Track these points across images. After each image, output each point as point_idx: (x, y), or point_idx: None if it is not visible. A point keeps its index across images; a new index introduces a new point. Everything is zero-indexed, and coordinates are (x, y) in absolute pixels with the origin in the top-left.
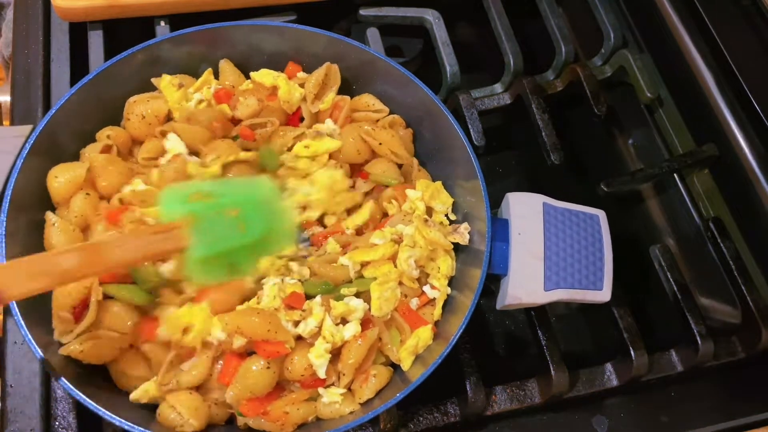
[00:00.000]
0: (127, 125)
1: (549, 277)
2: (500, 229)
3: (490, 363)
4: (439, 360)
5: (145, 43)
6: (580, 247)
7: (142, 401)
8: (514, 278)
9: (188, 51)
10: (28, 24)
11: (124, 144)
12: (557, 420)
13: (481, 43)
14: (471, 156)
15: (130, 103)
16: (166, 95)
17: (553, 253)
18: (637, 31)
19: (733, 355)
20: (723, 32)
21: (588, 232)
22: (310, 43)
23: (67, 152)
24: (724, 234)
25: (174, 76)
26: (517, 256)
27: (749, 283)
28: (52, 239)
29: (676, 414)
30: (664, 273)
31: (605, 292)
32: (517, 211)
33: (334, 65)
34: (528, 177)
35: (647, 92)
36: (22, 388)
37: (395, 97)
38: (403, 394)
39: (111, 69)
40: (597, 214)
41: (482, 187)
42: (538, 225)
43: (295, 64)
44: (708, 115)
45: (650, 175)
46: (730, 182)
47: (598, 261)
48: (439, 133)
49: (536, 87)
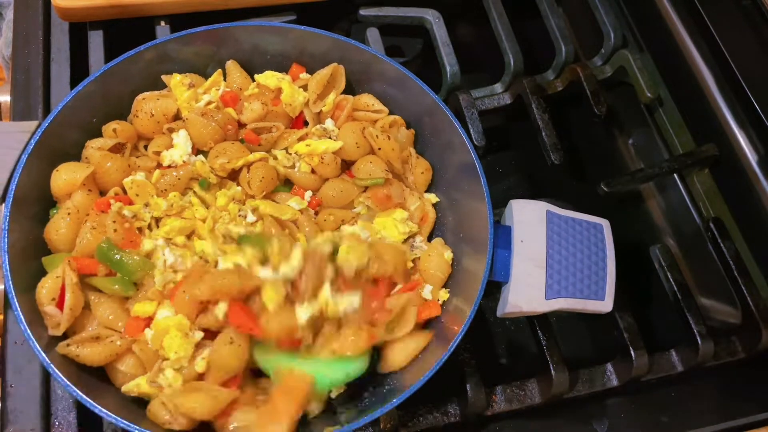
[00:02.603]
0: (135, 122)
1: (550, 285)
2: (503, 236)
3: (490, 363)
4: (436, 366)
5: (153, 41)
6: (583, 256)
7: (132, 394)
8: (515, 286)
9: (195, 51)
10: (28, 24)
11: (130, 139)
12: (557, 420)
13: (481, 43)
14: (474, 158)
15: (139, 100)
16: (175, 94)
17: (555, 261)
18: (637, 31)
19: (733, 355)
20: (723, 32)
21: (591, 241)
22: (313, 43)
23: (71, 145)
24: (724, 234)
25: (184, 75)
26: (519, 263)
27: (749, 283)
28: (55, 233)
29: (676, 414)
30: (664, 273)
31: (607, 302)
32: (520, 218)
33: (341, 66)
34: (528, 177)
35: (647, 92)
36: (22, 388)
37: (396, 98)
38: (400, 399)
39: (119, 66)
40: (601, 224)
41: (485, 192)
42: (541, 233)
43: (299, 65)
44: (708, 115)
45: (650, 175)
46: (730, 182)
47: (600, 270)
48: (441, 134)
49: (536, 87)
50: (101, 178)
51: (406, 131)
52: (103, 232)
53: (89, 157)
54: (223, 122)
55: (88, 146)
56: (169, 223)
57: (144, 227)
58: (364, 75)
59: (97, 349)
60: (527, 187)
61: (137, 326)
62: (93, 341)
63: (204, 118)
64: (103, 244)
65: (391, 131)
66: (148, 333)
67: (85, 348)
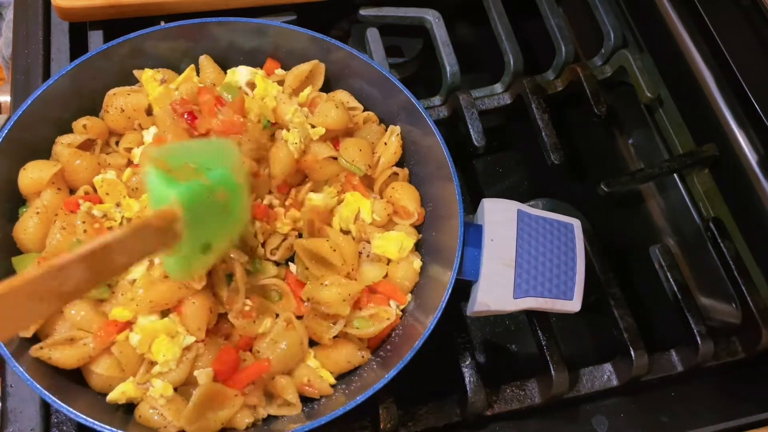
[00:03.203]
0: (105, 117)
1: (519, 285)
2: (473, 235)
3: (490, 363)
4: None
5: (127, 36)
6: (553, 255)
7: (120, 402)
8: (484, 285)
9: (170, 46)
10: (28, 24)
11: (101, 135)
12: (557, 420)
13: (481, 43)
14: (447, 157)
15: (110, 95)
16: (147, 89)
17: (524, 260)
18: (637, 31)
19: (733, 355)
20: (723, 32)
21: (562, 240)
22: (290, 40)
23: (42, 140)
24: (724, 234)
25: (156, 70)
26: (488, 262)
27: (749, 283)
28: (23, 232)
29: (676, 414)
30: (664, 273)
31: (575, 302)
32: (492, 218)
33: (322, 65)
34: (528, 177)
35: (647, 92)
36: (22, 388)
37: (371, 95)
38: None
39: (91, 61)
40: (572, 223)
41: (456, 190)
42: (512, 232)
43: (274, 60)
44: (708, 115)
45: (650, 175)
46: (730, 182)
47: (570, 270)
48: (415, 133)
49: (536, 87)
50: (70, 176)
51: (377, 127)
52: (73, 233)
53: (58, 154)
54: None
55: (58, 142)
56: None
57: (115, 227)
58: (340, 72)
59: (71, 352)
60: (527, 187)
61: (112, 330)
62: (66, 344)
63: (174, 115)
64: (74, 246)
65: (364, 127)
66: (134, 337)
67: (57, 351)
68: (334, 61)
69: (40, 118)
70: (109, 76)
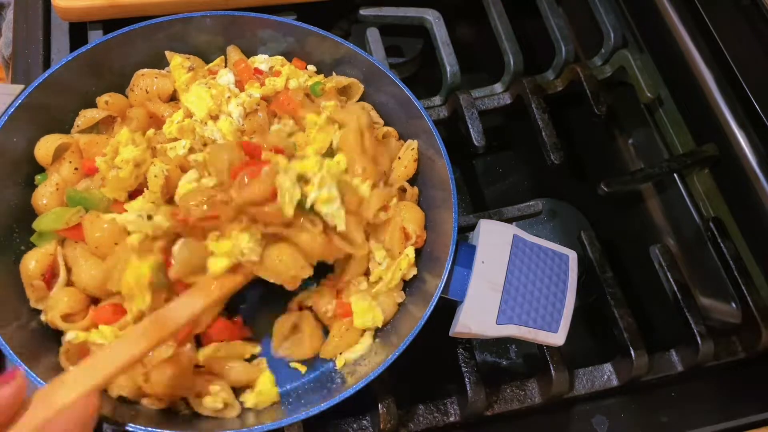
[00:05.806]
0: (130, 95)
1: (504, 310)
2: (465, 255)
3: (490, 363)
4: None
5: (157, 19)
6: (543, 285)
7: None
8: (468, 307)
9: (203, 37)
10: (28, 24)
11: (121, 112)
12: (557, 420)
13: (481, 43)
14: (450, 177)
15: (138, 75)
16: (174, 75)
17: (513, 287)
18: (637, 31)
19: (733, 355)
20: (723, 32)
21: (554, 271)
22: (315, 45)
23: (64, 112)
24: (724, 234)
25: (186, 57)
26: (476, 284)
27: (749, 283)
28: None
29: (676, 414)
30: (664, 273)
31: (560, 335)
32: (486, 240)
33: (361, 86)
34: (528, 177)
35: (647, 92)
36: None
37: (394, 112)
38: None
39: (121, 38)
40: (567, 255)
41: (454, 207)
42: (504, 256)
43: (300, 60)
44: (708, 115)
45: (650, 175)
46: (730, 182)
47: (558, 302)
48: (426, 152)
49: (536, 87)
50: (87, 155)
51: (396, 142)
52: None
53: (76, 137)
54: None
55: (81, 116)
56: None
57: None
58: (366, 84)
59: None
60: (527, 187)
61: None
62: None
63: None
64: (70, 191)
65: (384, 142)
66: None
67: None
68: (358, 71)
69: (67, 89)
70: (141, 56)
